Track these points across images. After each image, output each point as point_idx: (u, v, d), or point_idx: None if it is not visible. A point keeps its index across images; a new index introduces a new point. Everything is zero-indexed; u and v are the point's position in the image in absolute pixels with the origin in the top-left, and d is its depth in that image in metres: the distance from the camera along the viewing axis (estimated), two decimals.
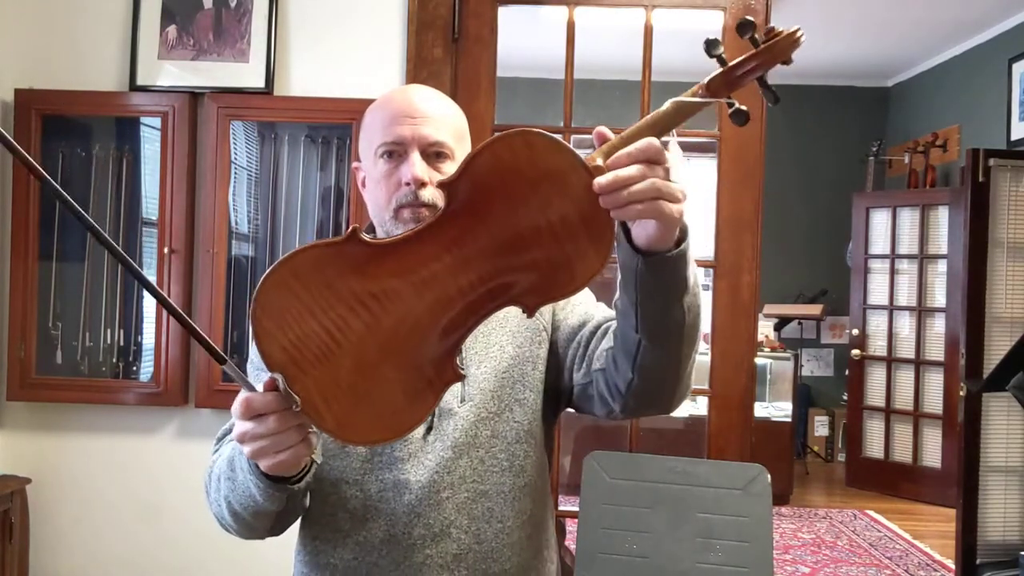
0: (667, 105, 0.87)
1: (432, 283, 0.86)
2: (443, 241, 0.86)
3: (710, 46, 0.89)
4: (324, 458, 1.16)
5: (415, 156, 1.12)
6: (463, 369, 0.90)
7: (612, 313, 1.14)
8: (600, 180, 0.83)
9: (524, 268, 0.86)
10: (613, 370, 1.07)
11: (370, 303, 0.86)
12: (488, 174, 0.83)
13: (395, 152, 1.13)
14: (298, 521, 1.21)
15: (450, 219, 0.85)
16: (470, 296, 0.87)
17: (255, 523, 1.04)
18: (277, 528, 1.08)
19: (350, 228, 0.87)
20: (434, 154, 1.14)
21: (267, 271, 0.86)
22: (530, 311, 0.89)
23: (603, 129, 0.89)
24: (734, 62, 0.88)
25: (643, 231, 0.90)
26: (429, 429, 1.14)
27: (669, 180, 0.85)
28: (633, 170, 0.84)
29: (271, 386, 0.87)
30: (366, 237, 0.87)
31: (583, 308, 1.22)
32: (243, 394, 0.88)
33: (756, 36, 0.88)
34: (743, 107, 0.88)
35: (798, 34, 0.89)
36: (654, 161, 0.85)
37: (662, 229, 0.88)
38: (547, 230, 0.85)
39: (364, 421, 0.88)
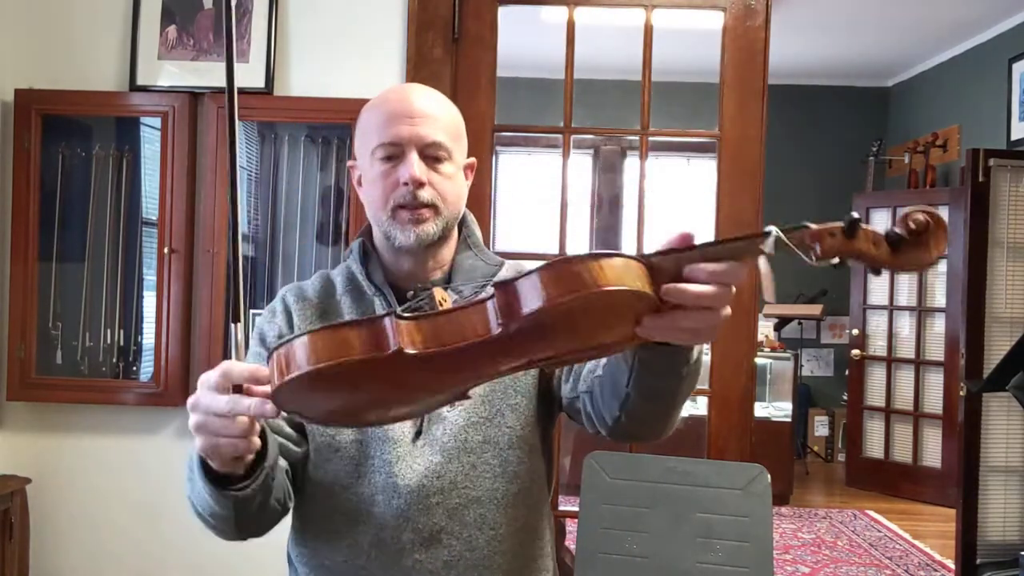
0: (770, 236, 0.77)
1: (468, 374, 0.82)
2: (490, 352, 0.77)
3: (852, 226, 0.77)
4: (316, 462, 1.15)
5: (413, 156, 1.12)
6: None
7: None
8: (671, 289, 0.75)
9: (564, 359, 0.83)
10: (600, 400, 1.04)
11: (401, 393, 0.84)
12: (556, 319, 0.74)
13: (393, 153, 1.13)
14: (291, 520, 1.21)
15: (503, 340, 0.75)
16: (501, 375, 0.85)
17: (218, 524, 1.00)
18: (247, 531, 1.02)
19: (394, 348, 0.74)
20: (432, 155, 1.14)
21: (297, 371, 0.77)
22: (550, 374, 0.88)
23: (689, 233, 0.78)
24: (867, 255, 0.78)
25: (664, 340, 0.82)
26: (418, 434, 1.13)
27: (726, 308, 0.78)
28: (708, 291, 0.75)
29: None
30: (410, 350, 0.74)
31: None
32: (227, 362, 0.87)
33: (898, 232, 0.78)
34: (842, 265, 0.80)
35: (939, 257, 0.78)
36: (727, 283, 0.77)
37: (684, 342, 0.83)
38: (598, 344, 0.81)
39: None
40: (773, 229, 0.77)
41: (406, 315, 0.75)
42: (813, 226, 0.79)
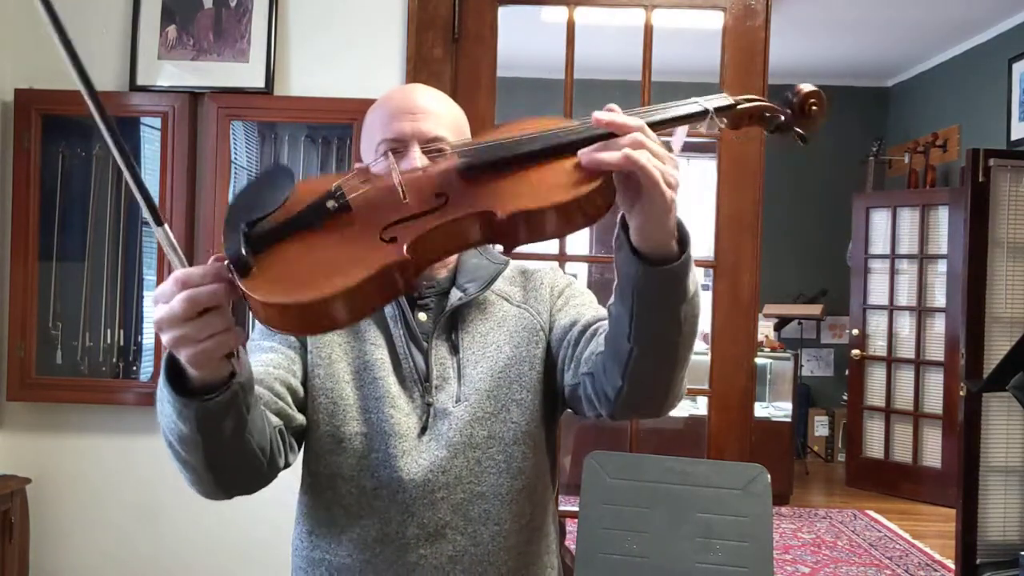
0: (706, 117, 0.95)
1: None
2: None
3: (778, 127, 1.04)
4: (319, 454, 1.15)
5: (415, 151, 1.12)
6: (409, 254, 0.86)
7: (603, 314, 1.12)
8: (601, 116, 0.88)
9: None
10: (602, 376, 1.04)
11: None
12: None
13: (396, 148, 1.13)
14: (295, 515, 1.22)
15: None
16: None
17: (189, 457, 0.93)
18: (223, 474, 0.97)
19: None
20: (434, 150, 1.14)
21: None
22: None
23: (613, 106, 0.91)
24: (775, 132, 1.01)
25: (641, 226, 0.89)
26: (424, 429, 1.14)
27: (664, 159, 0.87)
28: (632, 122, 0.87)
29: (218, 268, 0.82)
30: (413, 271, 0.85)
31: (575, 308, 1.21)
32: (177, 271, 0.81)
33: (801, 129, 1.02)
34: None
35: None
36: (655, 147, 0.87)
37: (653, 219, 0.88)
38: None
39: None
40: (711, 109, 0.95)
41: (408, 255, 0.81)
42: (740, 106, 0.99)
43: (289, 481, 1.27)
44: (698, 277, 0.96)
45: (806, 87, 1.02)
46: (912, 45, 5.65)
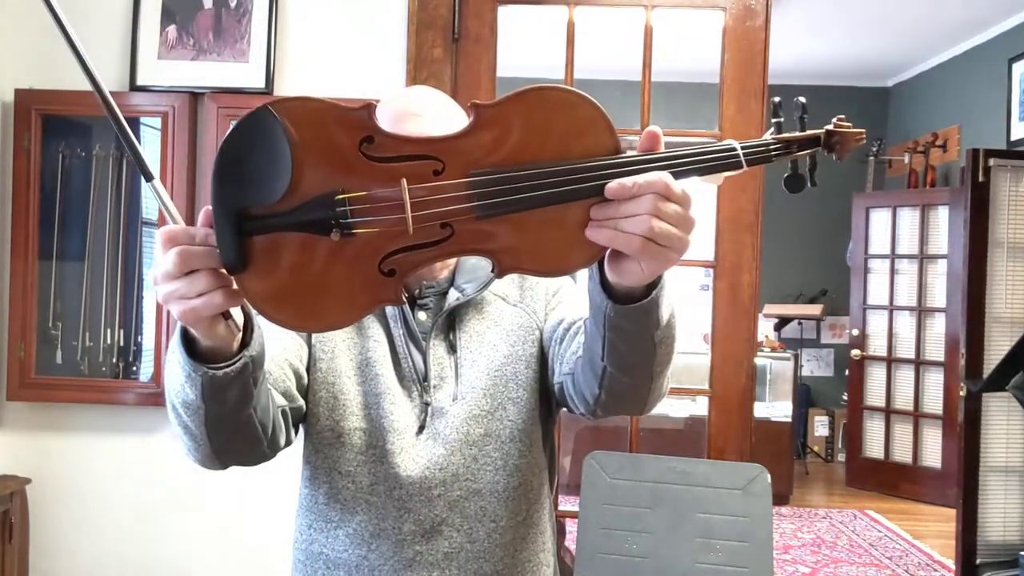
0: (740, 168, 0.86)
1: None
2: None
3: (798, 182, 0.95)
4: (318, 447, 1.16)
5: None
6: (405, 295, 0.86)
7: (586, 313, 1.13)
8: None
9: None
10: (580, 379, 1.04)
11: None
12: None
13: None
14: (296, 508, 1.23)
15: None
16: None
17: (191, 422, 0.93)
18: (220, 440, 0.96)
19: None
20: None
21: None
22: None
23: (655, 130, 0.83)
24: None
25: (626, 281, 0.83)
26: (422, 428, 1.15)
27: (680, 223, 0.78)
28: (641, 195, 0.78)
29: (207, 221, 0.81)
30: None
31: (564, 307, 1.21)
32: (164, 227, 0.81)
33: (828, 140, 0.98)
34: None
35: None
36: (666, 196, 0.78)
37: (646, 278, 0.82)
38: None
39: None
40: (742, 161, 0.87)
41: (402, 291, 0.84)
42: (773, 159, 0.94)
43: (289, 479, 1.27)
44: (674, 306, 0.91)
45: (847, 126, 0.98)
46: (912, 45, 5.65)
